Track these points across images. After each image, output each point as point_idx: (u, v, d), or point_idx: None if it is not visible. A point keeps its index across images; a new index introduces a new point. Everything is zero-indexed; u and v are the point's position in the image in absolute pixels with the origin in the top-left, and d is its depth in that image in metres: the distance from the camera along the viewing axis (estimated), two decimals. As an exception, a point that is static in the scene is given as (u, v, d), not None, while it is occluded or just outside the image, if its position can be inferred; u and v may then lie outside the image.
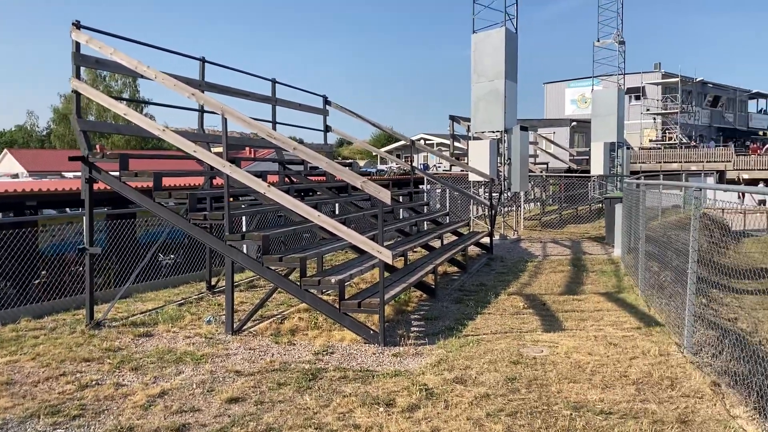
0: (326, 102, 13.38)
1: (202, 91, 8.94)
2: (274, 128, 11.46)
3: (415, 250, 11.54)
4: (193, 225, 7.34)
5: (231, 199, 9.76)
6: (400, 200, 14.53)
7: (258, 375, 5.54)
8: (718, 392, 4.99)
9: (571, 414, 4.48)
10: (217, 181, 9.27)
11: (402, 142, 43.56)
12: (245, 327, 7.26)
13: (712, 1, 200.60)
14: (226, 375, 5.57)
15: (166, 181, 8.26)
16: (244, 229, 10.67)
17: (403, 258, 9.57)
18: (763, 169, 41.53)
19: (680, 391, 4.99)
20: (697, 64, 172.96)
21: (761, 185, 37.98)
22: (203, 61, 9.43)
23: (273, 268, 7.16)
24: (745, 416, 4.54)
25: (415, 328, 7.29)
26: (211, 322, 7.58)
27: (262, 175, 9.51)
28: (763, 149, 45.34)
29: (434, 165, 48.42)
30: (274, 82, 11.57)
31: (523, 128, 16.01)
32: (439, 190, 19.81)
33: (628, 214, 11.71)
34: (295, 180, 11.80)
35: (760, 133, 65.91)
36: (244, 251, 11.22)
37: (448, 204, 19.26)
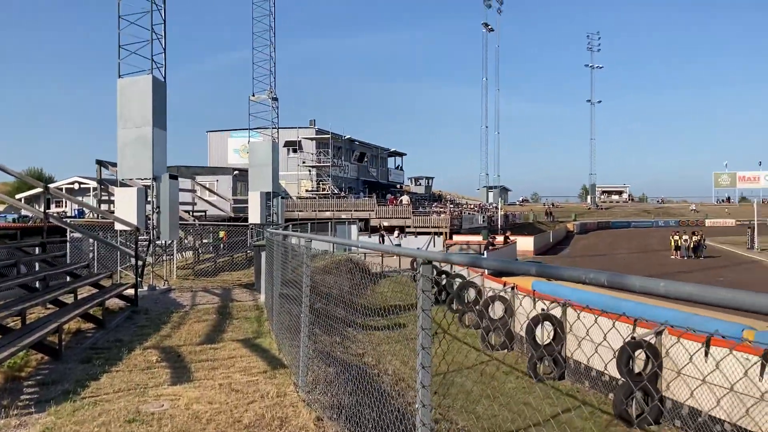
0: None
1: None
2: None
3: (48, 306, 10.50)
4: None
5: None
6: (36, 252, 13.12)
7: None
8: (321, 426, 5.50)
9: (176, 467, 4.49)
10: None
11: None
12: None
13: (359, 68, 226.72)
14: None
15: None
16: None
17: (20, 317, 8.57)
18: (398, 218, 47.71)
19: (287, 429, 5.37)
20: (346, 124, 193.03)
21: (396, 232, 43.57)
22: None
23: None
24: (339, 444, 5.09)
25: (26, 396, 6.56)
26: None
27: None
28: (398, 200, 52.16)
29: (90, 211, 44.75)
30: None
31: (173, 176, 15.85)
32: (92, 240, 18.34)
33: (270, 260, 12.33)
34: None
35: (398, 186, 75.96)
36: None
37: (96, 254, 17.94)
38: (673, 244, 40.85)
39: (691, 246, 39.20)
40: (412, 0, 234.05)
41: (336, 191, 54.84)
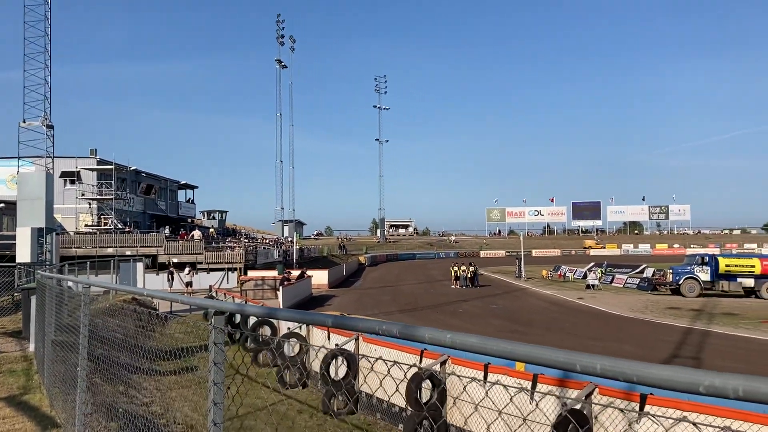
0: None
1: None
2: None
3: None
4: None
5: None
6: None
7: None
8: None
9: None
10: None
11: None
12: None
13: (147, 97, 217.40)
14: None
15: None
16: None
17: None
18: (188, 254, 45.88)
19: (62, 494, 4.90)
20: (133, 154, 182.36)
21: (187, 269, 41.81)
22: None
23: None
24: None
25: None
26: None
27: None
28: (189, 235, 50.21)
29: None
30: None
31: None
32: None
33: (42, 305, 11.20)
34: None
35: (189, 219, 73.10)
36: None
37: None
38: (453, 274, 44.19)
39: (469, 276, 42.71)
40: (205, 31, 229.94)
41: (120, 226, 51.25)
